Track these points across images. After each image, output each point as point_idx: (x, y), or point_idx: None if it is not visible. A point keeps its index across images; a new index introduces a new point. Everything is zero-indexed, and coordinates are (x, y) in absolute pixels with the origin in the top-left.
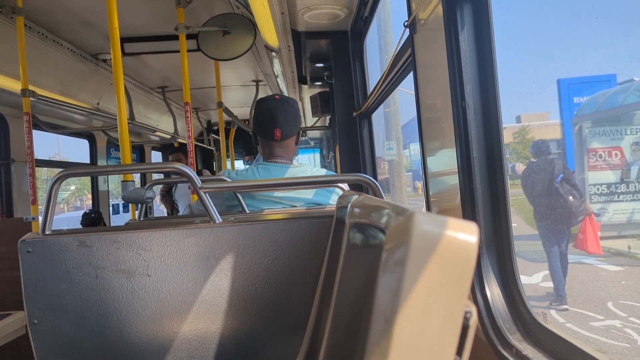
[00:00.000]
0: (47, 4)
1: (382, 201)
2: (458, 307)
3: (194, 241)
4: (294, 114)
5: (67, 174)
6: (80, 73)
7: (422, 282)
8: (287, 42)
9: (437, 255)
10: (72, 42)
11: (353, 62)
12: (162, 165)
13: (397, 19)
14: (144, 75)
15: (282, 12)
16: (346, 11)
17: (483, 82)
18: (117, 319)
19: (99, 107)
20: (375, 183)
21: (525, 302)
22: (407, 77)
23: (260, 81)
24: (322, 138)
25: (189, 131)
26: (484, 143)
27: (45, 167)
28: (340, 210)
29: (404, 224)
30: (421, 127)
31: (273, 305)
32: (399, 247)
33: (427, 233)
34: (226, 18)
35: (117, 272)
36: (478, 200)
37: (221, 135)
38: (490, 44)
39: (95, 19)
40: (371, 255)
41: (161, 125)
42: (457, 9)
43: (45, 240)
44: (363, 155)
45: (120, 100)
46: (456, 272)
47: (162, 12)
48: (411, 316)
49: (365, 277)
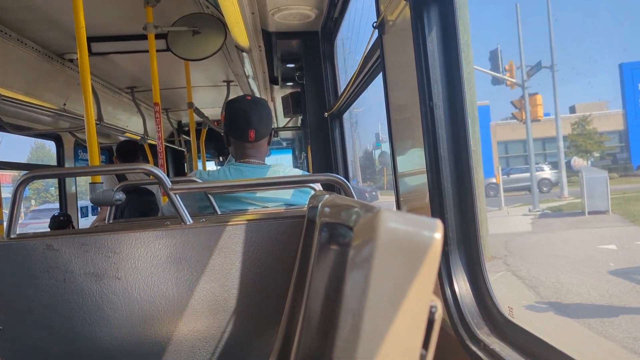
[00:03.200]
0: (10, 2)
1: (351, 200)
2: (423, 301)
3: (164, 243)
4: (267, 114)
5: (32, 176)
6: (46, 73)
7: (388, 278)
8: (257, 42)
9: (402, 251)
10: (37, 42)
11: (324, 62)
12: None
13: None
14: (112, 75)
15: (252, 12)
16: (316, 12)
17: (450, 82)
18: (86, 323)
19: (65, 107)
20: (346, 183)
21: (493, 297)
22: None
23: (231, 82)
24: (295, 139)
25: (159, 132)
26: (452, 142)
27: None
28: (311, 210)
29: (370, 221)
30: (391, 128)
31: (245, 305)
32: (366, 244)
33: (393, 230)
34: (196, 18)
35: (86, 276)
36: (446, 198)
37: (192, 136)
38: (457, 44)
39: (61, 18)
40: (340, 253)
41: (130, 126)
42: (424, 11)
43: (11, 244)
44: (335, 155)
45: (87, 101)
46: (421, 268)
47: (131, 11)
48: (378, 311)
49: (336, 275)
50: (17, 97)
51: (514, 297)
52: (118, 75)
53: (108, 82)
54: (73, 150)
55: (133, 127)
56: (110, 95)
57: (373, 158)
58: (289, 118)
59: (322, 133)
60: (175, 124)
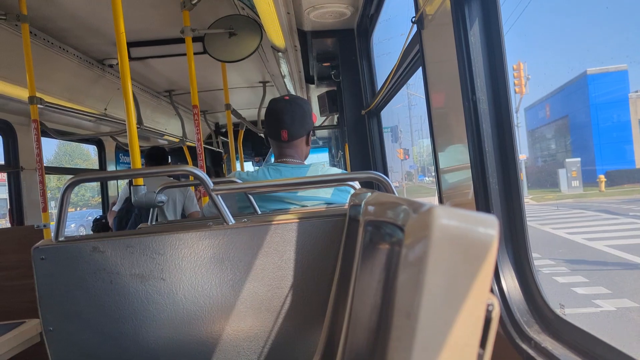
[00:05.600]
0: (51, 11)
1: (396, 197)
2: (480, 299)
3: (207, 243)
4: (302, 114)
5: (78, 180)
6: (87, 79)
7: (443, 276)
8: (293, 42)
9: (457, 249)
10: (77, 48)
11: (360, 60)
12: (173, 168)
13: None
14: (150, 79)
15: (287, 12)
16: (352, 9)
17: (494, 76)
18: (132, 324)
19: (106, 112)
20: (387, 180)
21: (543, 294)
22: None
23: (267, 82)
24: (331, 137)
25: (198, 134)
26: (496, 137)
27: (55, 174)
28: (353, 209)
29: (423, 218)
30: (432, 123)
31: (289, 305)
32: (419, 242)
33: (447, 227)
34: (232, 20)
35: (132, 277)
36: (492, 194)
37: (230, 137)
38: (500, 37)
39: (100, 25)
40: (388, 252)
41: (169, 129)
42: (464, 4)
43: (59, 247)
44: (373, 152)
45: (128, 105)
46: (477, 265)
47: (168, 15)
48: (434, 311)
49: (383, 274)
50: (60, 103)
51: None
52: (156, 79)
53: (146, 86)
54: (114, 153)
55: (172, 129)
56: (149, 98)
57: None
58: (325, 117)
59: (360, 131)
60: (213, 125)
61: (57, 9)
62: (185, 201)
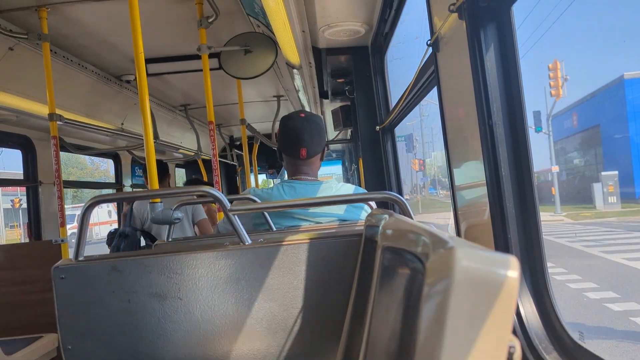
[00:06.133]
0: (71, 29)
1: (415, 226)
2: (502, 342)
3: (224, 263)
4: (319, 131)
5: (98, 200)
6: (104, 95)
7: (465, 317)
8: (308, 59)
9: (479, 291)
10: (96, 65)
11: (374, 77)
12: (190, 189)
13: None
14: (166, 94)
15: (302, 31)
16: (366, 27)
17: (510, 100)
18: (149, 343)
19: (123, 127)
20: (403, 201)
21: (561, 320)
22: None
23: (281, 96)
24: (344, 150)
25: (213, 149)
26: (513, 161)
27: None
28: (369, 229)
29: (444, 258)
30: (447, 141)
31: (304, 324)
32: (441, 281)
33: (469, 269)
34: (247, 37)
35: (149, 296)
36: (508, 218)
37: (244, 151)
38: (516, 62)
39: (118, 41)
40: (408, 281)
41: (184, 143)
42: (480, 29)
43: (78, 267)
44: (387, 169)
45: (146, 121)
46: (499, 307)
47: (184, 33)
48: (455, 351)
49: (403, 304)
50: (78, 119)
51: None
52: (172, 94)
53: (163, 100)
54: (130, 167)
55: (187, 143)
56: (165, 113)
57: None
58: (338, 131)
59: (374, 147)
60: (227, 138)
61: (77, 27)
62: (192, 210)
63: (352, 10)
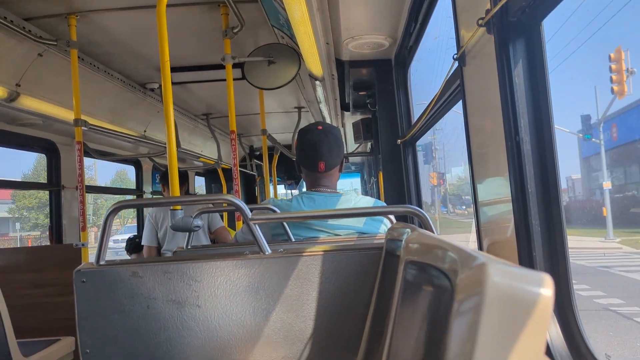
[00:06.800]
0: (99, 37)
1: (441, 241)
2: None
3: (243, 272)
4: (338, 144)
5: (120, 206)
6: (129, 102)
7: (497, 336)
8: (331, 71)
9: (512, 308)
10: (122, 72)
11: (397, 90)
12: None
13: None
14: (189, 102)
15: (327, 42)
16: (390, 40)
17: (538, 117)
18: (167, 349)
19: (145, 134)
20: (425, 215)
21: (587, 341)
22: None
23: (302, 107)
24: (364, 163)
25: (234, 159)
26: (539, 177)
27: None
28: (391, 243)
29: (475, 274)
30: (471, 155)
31: (322, 336)
32: (471, 298)
33: (501, 286)
34: (271, 48)
35: (168, 303)
36: (534, 236)
37: (264, 161)
38: (545, 78)
39: (143, 50)
40: (433, 297)
41: (205, 151)
42: (509, 44)
43: (100, 271)
44: (408, 183)
45: (169, 129)
46: (532, 325)
47: (209, 43)
48: None
49: (429, 320)
50: (102, 125)
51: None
52: (194, 103)
53: (185, 109)
54: (151, 173)
55: (207, 152)
56: (187, 121)
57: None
58: (358, 143)
59: (395, 160)
60: (247, 148)
61: (105, 35)
62: (209, 218)
63: (377, 23)
